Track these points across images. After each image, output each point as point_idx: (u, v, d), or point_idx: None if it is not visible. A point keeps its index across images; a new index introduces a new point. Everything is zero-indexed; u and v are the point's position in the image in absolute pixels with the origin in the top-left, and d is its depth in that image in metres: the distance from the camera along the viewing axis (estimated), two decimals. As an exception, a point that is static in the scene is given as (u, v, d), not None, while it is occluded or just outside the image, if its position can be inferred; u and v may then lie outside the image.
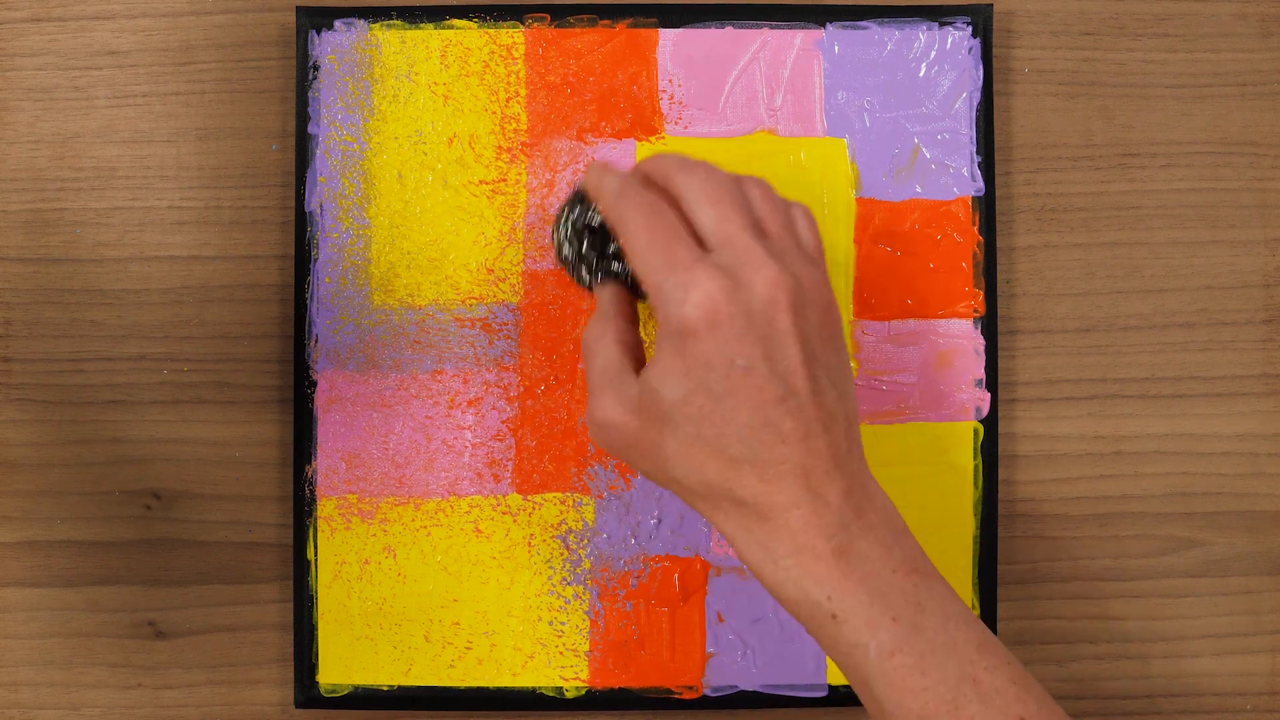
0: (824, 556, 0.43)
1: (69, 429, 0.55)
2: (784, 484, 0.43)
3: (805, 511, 0.43)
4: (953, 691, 0.42)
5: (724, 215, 0.45)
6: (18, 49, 0.55)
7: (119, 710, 0.54)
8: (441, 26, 0.54)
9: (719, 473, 0.44)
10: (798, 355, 0.43)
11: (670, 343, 0.44)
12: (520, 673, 0.54)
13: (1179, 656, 0.55)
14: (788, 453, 0.43)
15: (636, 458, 0.45)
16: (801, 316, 0.44)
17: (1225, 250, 0.56)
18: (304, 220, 0.54)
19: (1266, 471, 0.55)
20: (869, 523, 0.44)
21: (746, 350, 0.43)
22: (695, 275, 0.43)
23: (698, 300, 0.43)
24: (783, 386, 0.43)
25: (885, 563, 0.43)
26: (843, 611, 0.43)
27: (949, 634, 0.43)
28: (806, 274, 0.45)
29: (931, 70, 0.55)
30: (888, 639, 0.43)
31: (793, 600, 0.44)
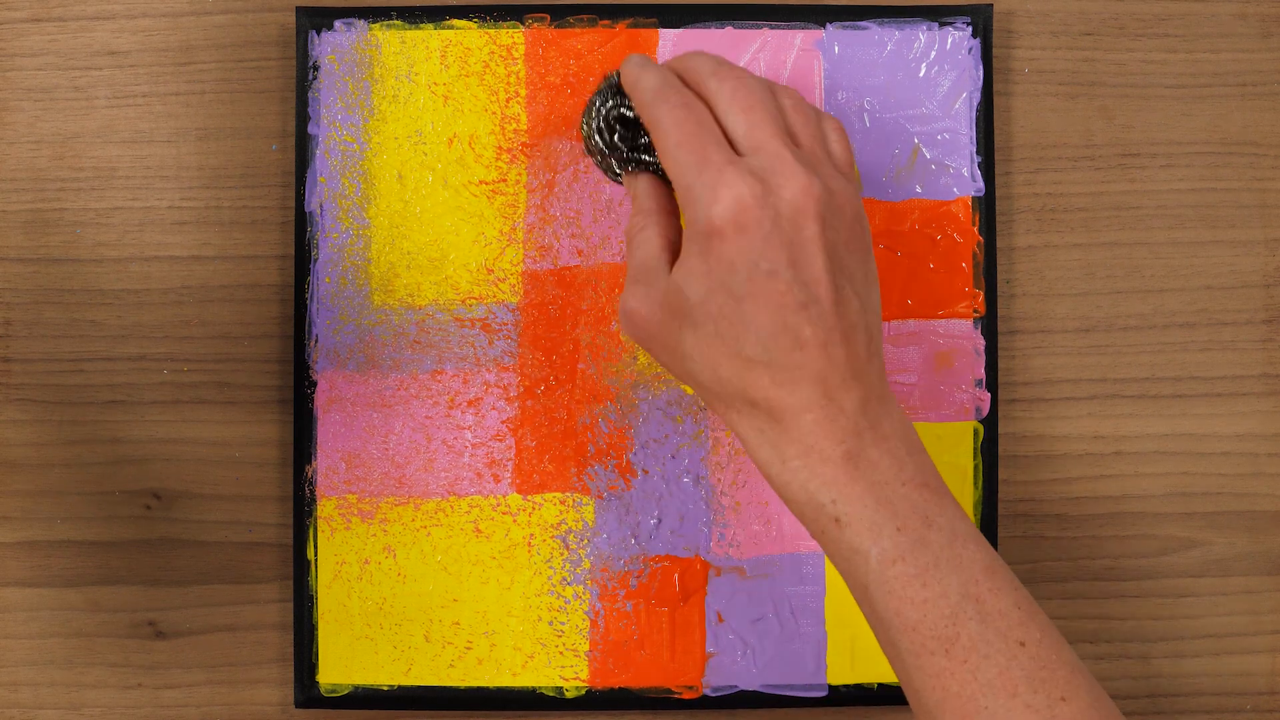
0: (833, 459, 0.43)
1: (69, 429, 0.55)
2: (798, 388, 0.43)
3: (818, 415, 0.43)
4: (953, 607, 0.42)
5: (756, 121, 0.45)
6: (18, 49, 0.55)
7: (119, 710, 0.54)
8: (441, 26, 0.54)
9: (734, 372, 0.44)
10: (823, 264, 0.43)
11: (696, 243, 0.44)
12: (520, 673, 0.54)
13: (1179, 656, 0.55)
14: (804, 359, 0.43)
15: (658, 349, 0.46)
16: (829, 226, 0.44)
17: (1225, 250, 0.56)
18: (304, 220, 0.54)
19: (1266, 471, 0.55)
20: (882, 434, 0.44)
21: (771, 255, 0.43)
22: (725, 177, 0.43)
23: (726, 202, 0.43)
24: (805, 293, 0.43)
25: (896, 474, 0.43)
26: (846, 515, 0.43)
27: (955, 551, 0.43)
28: (837, 184, 0.45)
29: (931, 70, 0.55)
30: (890, 547, 0.43)
31: (798, 502, 0.44)
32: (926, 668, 0.42)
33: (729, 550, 0.54)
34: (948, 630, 0.42)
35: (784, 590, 0.54)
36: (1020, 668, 0.42)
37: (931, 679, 0.42)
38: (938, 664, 0.42)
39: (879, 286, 0.46)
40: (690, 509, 0.54)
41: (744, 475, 0.54)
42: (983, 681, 0.42)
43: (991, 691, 0.42)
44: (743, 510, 0.54)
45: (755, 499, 0.54)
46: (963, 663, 0.42)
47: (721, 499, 0.54)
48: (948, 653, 0.42)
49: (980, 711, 0.42)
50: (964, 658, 0.42)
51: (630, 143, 0.48)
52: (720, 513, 0.54)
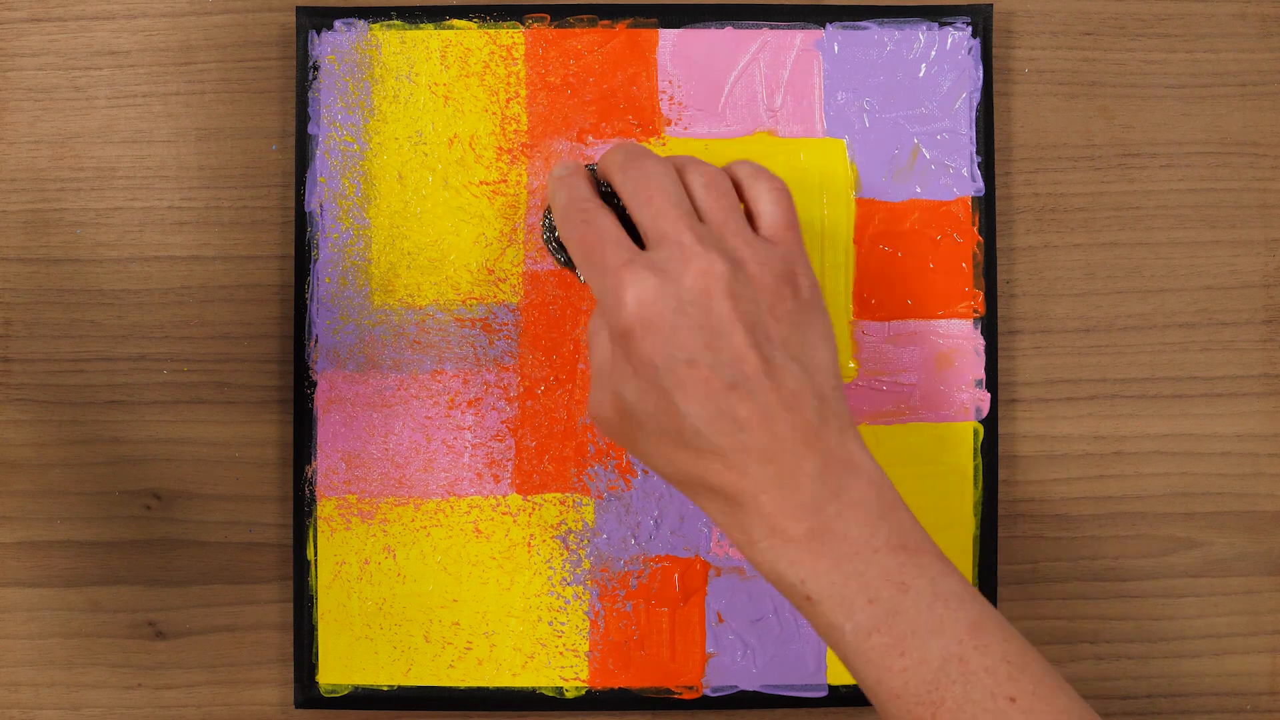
0: (796, 539, 0.43)
1: (69, 429, 0.55)
2: (749, 469, 0.43)
3: (773, 495, 0.43)
4: (934, 672, 0.42)
5: (656, 212, 0.45)
6: (18, 49, 0.55)
7: (119, 710, 0.54)
8: (441, 27, 0.54)
9: (688, 463, 0.44)
10: (743, 340, 0.43)
11: (619, 347, 0.44)
12: (520, 673, 0.54)
13: (1179, 656, 0.55)
14: (748, 439, 0.43)
15: (627, 447, 0.46)
16: (741, 300, 0.43)
17: (1225, 250, 0.56)
18: (304, 220, 0.54)
19: (1266, 471, 0.55)
20: (849, 500, 0.43)
21: (685, 343, 0.43)
22: (622, 278, 0.44)
23: (628, 302, 0.43)
24: (730, 373, 0.43)
25: (866, 543, 0.43)
26: (816, 594, 0.43)
27: (935, 613, 0.42)
28: (751, 255, 0.44)
29: (931, 70, 0.55)
30: (864, 620, 0.42)
31: (771, 580, 0.44)
32: None
33: (729, 550, 0.54)
34: (931, 695, 0.42)
35: (784, 590, 0.54)
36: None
37: None
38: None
39: (831, 340, 0.46)
40: (690, 509, 0.54)
41: (744, 475, 0.54)
42: None
43: None
44: (743, 510, 0.54)
45: (755, 499, 0.54)
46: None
47: (721, 499, 0.54)
48: (934, 717, 0.42)
49: None
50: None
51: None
52: (720, 513, 0.54)
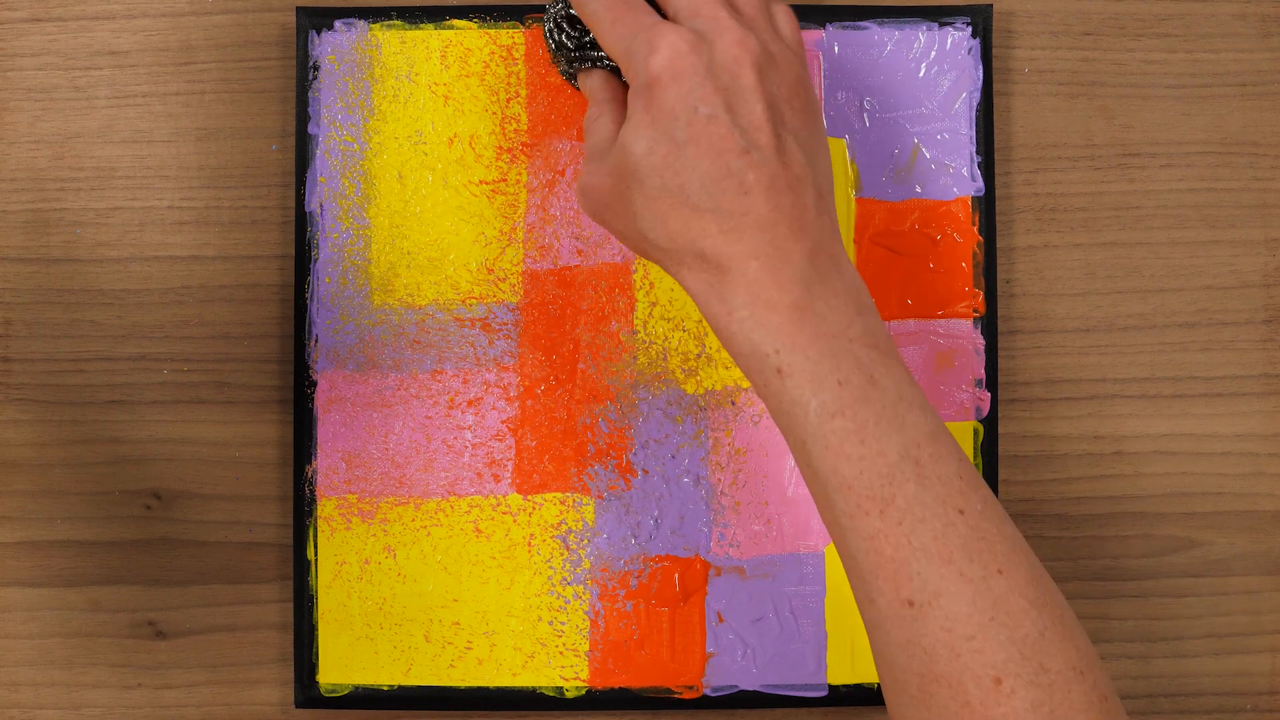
0: (778, 308, 0.43)
1: (69, 429, 0.55)
2: (744, 235, 0.43)
3: (763, 263, 0.43)
4: (891, 466, 0.41)
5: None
6: (18, 49, 0.55)
7: (119, 710, 0.54)
8: (441, 27, 0.54)
9: (682, 224, 0.44)
10: (762, 112, 0.44)
11: (638, 99, 0.44)
12: (520, 673, 0.54)
13: (1179, 656, 0.55)
14: (750, 204, 0.43)
15: (611, 218, 0.46)
16: (767, 78, 0.44)
17: (1225, 250, 0.56)
18: (304, 220, 0.54)
19: (1266, 471, 0.55)
20: (832, 289, 0.43)
21: (709, 98, 0.43)
22: (660, 31, 0.44)
23: (662, 51, 0.44)
24: (745, 139, 0.43)
25: (843, 329, 0.43)
26: (789, 366, 0.42)
27: (899, 412, 0.42)
28: (777, 47, 0.45)
29: (931, 70, 0.55)
30: (830, 400, 0.42)
31: (743, 354, 0.43)
32: (861, 529, 0.42)
33: (729, 550, 0.54)
34: (884, 490, 0.41)
35: (784, 590, 0.54)
36: (957, 535, 0.41)
37: (865, 541, 0.42)
38: (872, 525, 0.41)
39: (829, 154, 0.46)
40: (690, 509, 0.54)
41: (744, 475, 0.54)
42: (917, 546, 0.41)
43: (926, 557, 0.41)
44: (743, 510, 0.54)
45: (755, 499, 0.54)
46: (897, 524, 0.41)
47: (721, 499, 0.54)
48: (883, 514, 0.41)
49: (913, 577, 0.41)
50: (899, 519, 0.41)
51: (578, 41, 0.50)
52: (720, 513, 0.54)
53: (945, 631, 0.41)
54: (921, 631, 0.41)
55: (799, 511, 0.54)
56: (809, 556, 0.54)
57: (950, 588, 0.41)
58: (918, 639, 0.41)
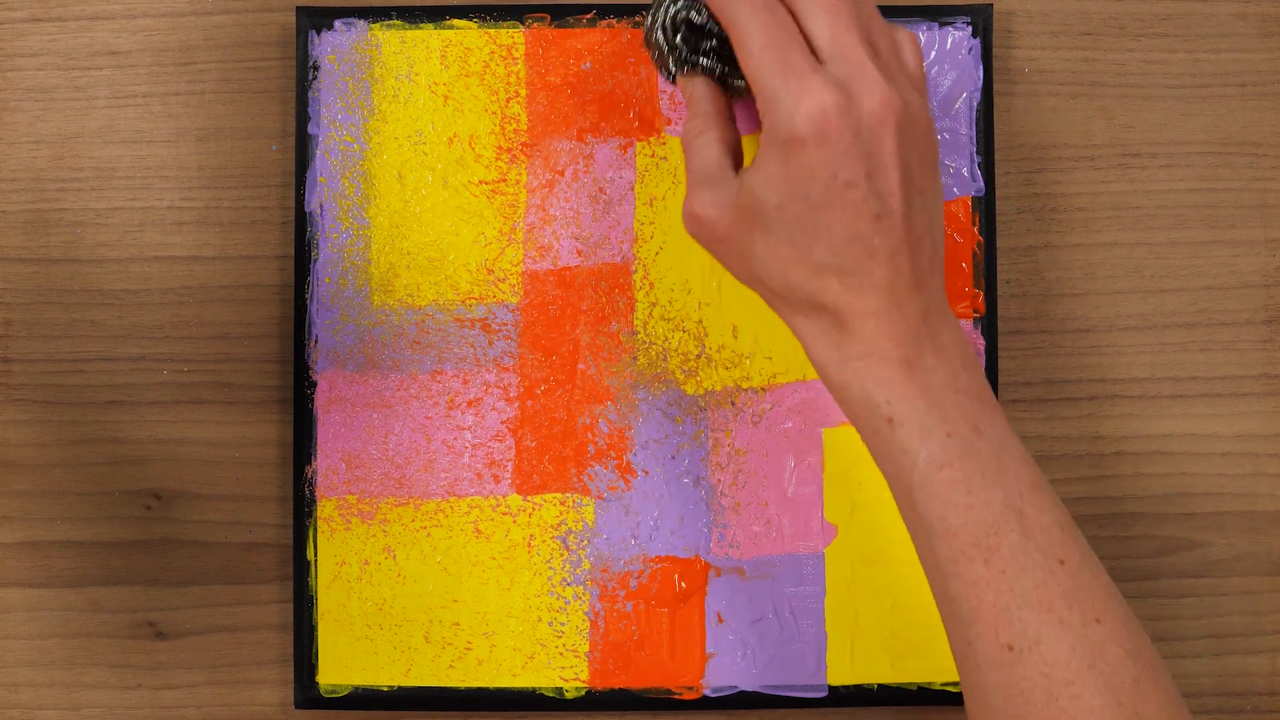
0: (891, 361, 0.44)
1: (69, 429, 0.55)
2: (866, 294, 0.44)
3: (881, 320, 0.44)
4: (995, 516, 0.43)
5: (841, 26, 0.45)
6: (18, 49, 0.55)
7: (119, 710, 0.54)
8: (441, 26, 0.54)
9: (804, 277, 0.44)
10: (897, 177, 0.44)
11: (776, 150, 0.44)
12: (520, 673, 0.54)
13: (1179, 656, 0.55)
14: (874, 267, 0.44)
15: (724, 252, 0.47)
16: (906, 139, 0.44)
17: (1225, 250, 0.56)
18: (304, 220, 0.54)
19: (1266, 471, 0.55)
20: (940, 344, 0.45)
21: (851, 166, 0.43)
22: (809, 85, 0.44)
23: (810, 111, 0.43)
24: (880, 205, 0.44)
25: (951, 381, 0.44)
26: (899, 415, 0.44)
27: (1001, 463, 0.43)
28: (912, 97, 0.45)
29: (931, 70, 0.55)
30: (939, 450, 0.43)
31: (854, 401, 0.45)
32: (964, 575, 0.43)
33: (729, 551, 0.54)
34: (989, 539, 0.42)
35: (784, 591, 0.54)
36: (1058, 584, 0.42)
37: (968, 587, 0.43)
38: (976, 572, 0.43)
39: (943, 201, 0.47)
40: (690, 509, 0.54)
41: (744, 476, 0.54)
42: (1019, 593, 0.42)
43: (1027, 604, 0.42)
44: (743, 511, 0.54)
45: (755, 499, 0.54)
46: (1001, 573, 0.42)
47: (721, 499, 0.54)
48: (987, 561, 0.42)
49: (1014, 623, 0.42)
50: (1002, 568, 0.42)
51: (692, 45, 0.48)
52: (720, 513, 0.54)
53: (1044, 676, 0.42)
54: (1020, 675, 0.42)
55: (799, 512, 0.54)
56: (809, 557, 0.54)
57: (1050, 634, 0.42)
58: (1016, 682, 0.42)
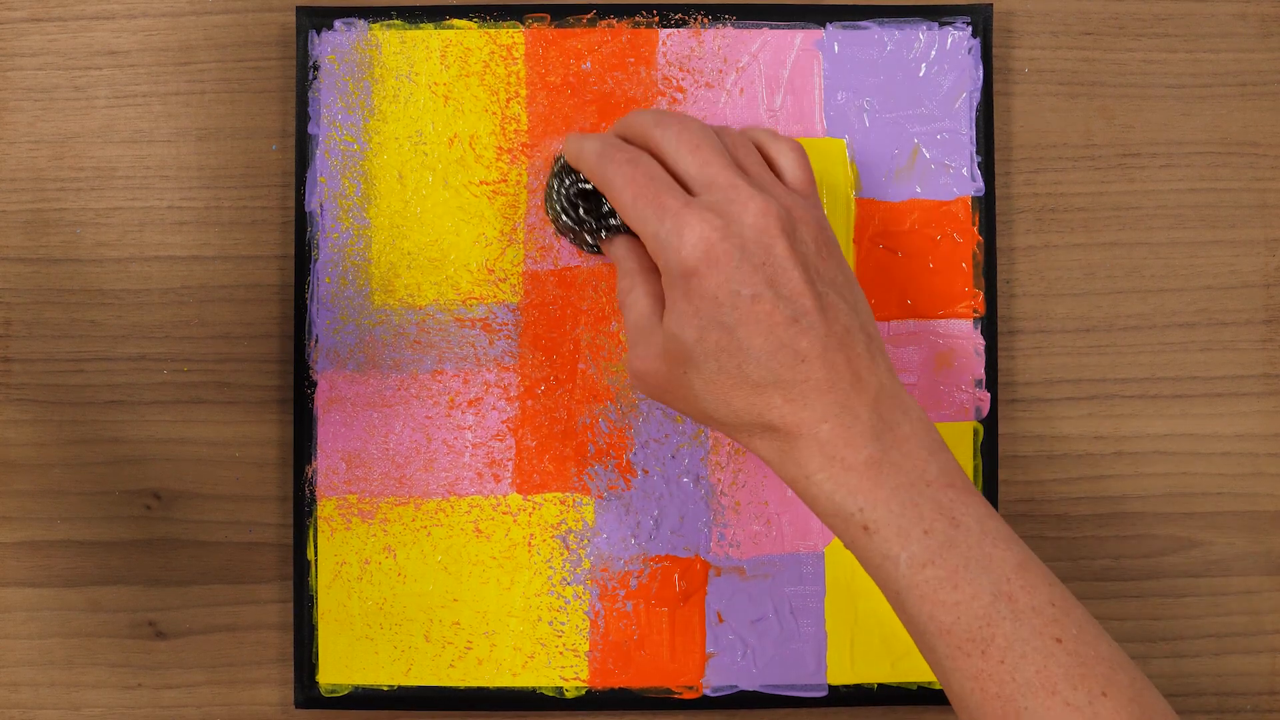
0: (855, 467, 0.44)
1: (69, 429, 0.55)
2: (809, 401, 0.44)
3: (833, 425, 0.44)
4: (986, 607, 0.42)
5: (705, 159, 0.46)
6: (18, 49, 0.55)
7: (119, 710, 0.54)
8: (441, 26, 0.54)
9: (746, 401, 0.45)
10: (800, 277, 0.44)
11: (676, 288, 0.45)
12: (520, 673, 0.54)
13: (1179, 656, 0.55)
14: (809, 371, 0.44)
15: (671, 399, 0.47)
16: (795, 239, 0.45)
17: (1225, 250, 0.56)
18: (304, 220, 0.54)
19: (1266, 471, 0.55)
20: (901, 435, 0.44)
21: (749, 279, 0.44)
22: (685, 218, 0.45)
23: (693, 241, 0.44)
24: (791, 308, 0.44)
25: (919, 475, 0.44)
26: (874, 523, 0.43)
27: (984, 550, 0.43)
28: (791, 201, 0.46)
29: (931, 70, 0.55)
30: (919, 551, 0.43)
31: (827, 513, 0.44)
32: (964, 670, 0.42)
33: (729, 550, 0.54)
34: (982, 631, 0.42)
35: (784, 590, 0.54)
36: (1058, 665, 0.42)
37: (970, 681, 0.42)
38: (975, 665, 0.42)
39: (862, 289, 0.47)
40: (690, 509, 0.54)
41: (744, 475, 0.54)
42: (1021, 681, 0.42)
43: (1030, 691, 0.42)
44: (743, 510, 0.54)
45: (755, 499, 0.54)
46: (999, 663, 0.42)
47: (721, 499, 0.54)
48: (984, 654, 0.42)
49: (1021, 712, 0.42)
50: (1000, 658, 0.42)
51: (595, 213, 0.51)
52: (720, 513, 0.54)
53: None
54: None
55: (799, 511, 0.54)
56: (809, 556, 0.54)
57: (1057, 718, 0.41)
58: None
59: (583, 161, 0.49)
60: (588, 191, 0.51)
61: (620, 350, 0.54)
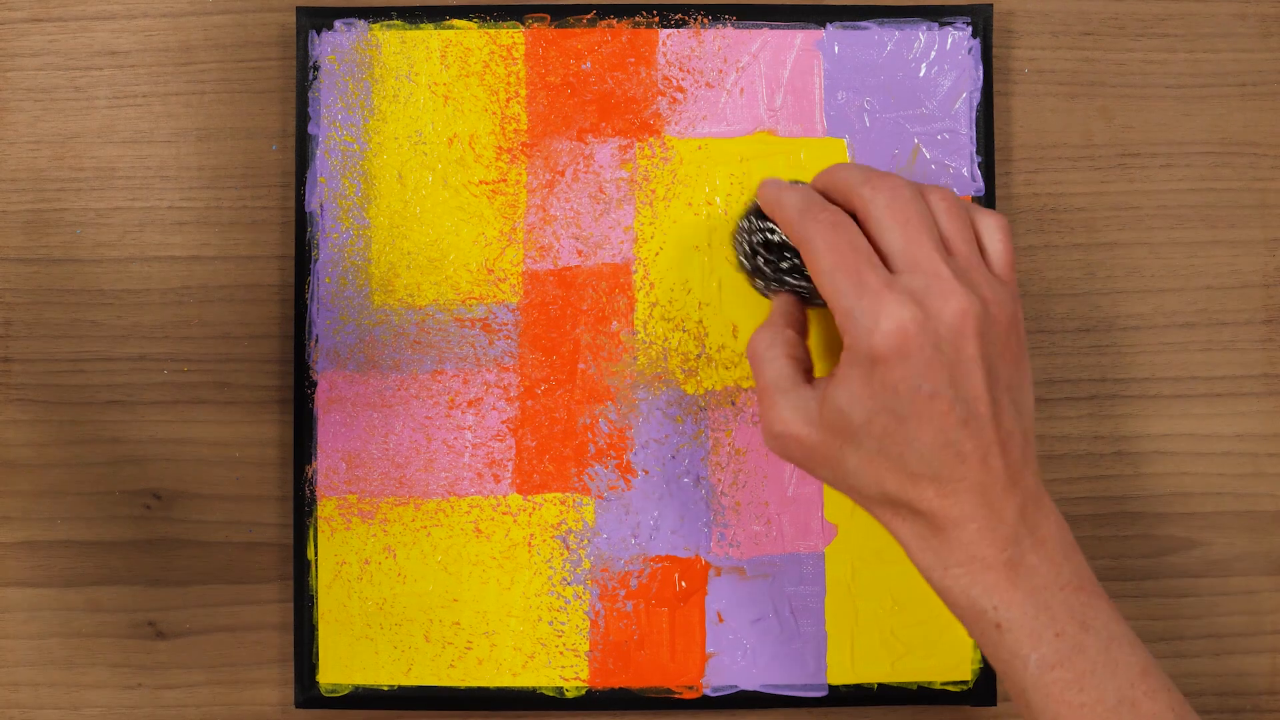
0: (995, 567, 0.44)
1: (69, 429, 0.55)
2: (961, 499, 0.44)
3: (980, 525, 0.44)
4: (1109, 711, 0.43)
5: (911, 237, 0.45)
6: (18, 49, 0.55)
7: (119, 710, 0.54)
8: (441, 26, 0.54)
9: (899, 486, 0.45)
10: (981, 380, 0.44)
11: (859, 368, 0.44)
12: (520, 673, 0.54)
13: (1179, 656, 0.55)
14: (966, 471, 0.44)
15: (815, 466, 0.46)
16: (986, 341, 0.44)
17: (1225, 250, 0.56)
18: (304, 220, 0.54)
19: (1266, 471, 0.55)
20: (1041, 538, 0.45)
21: (933, 377, 0.43)
22: (884, 303, 0.44)
23: (888, 329, 0.43)
24: (966, 410, 0.44)
25: (1054, 579, 0.44)
26: (1007, 621, 0.44)
27: (1111, 655, 0.44)
28: (992, 294, 0.45)
29: (931, 70, 0.55)
30: (1049, 653, 0.43)
31: (960, 606, 0.45)
32: None
33: (729, 550, 0.54)
34: None
35: (784, 590, 0.54)
36: None
37: None
38: None
39: (1031, 384, 0.47)
40: (690, 509, 0.54)
41: (744, 475, 0.54)
42: None
43: None
44: (743, 510, 0.54)
45: (755, 499, 0.54)
46: None
47: (721, 499, 0.54)
48: None
49: None
50: None
51: (774, 266, 0.50)
52: (720, 513, 0.54)
53: None
54: None
55: (799, 511, 0.54)
56: (809, 556, 0.54)
57: None
58: None
59: (780, 212, 0.48)
60: (772, 243, 0.49)
61: (621, 350, 0.54)
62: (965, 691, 0.54)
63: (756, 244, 0.50)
